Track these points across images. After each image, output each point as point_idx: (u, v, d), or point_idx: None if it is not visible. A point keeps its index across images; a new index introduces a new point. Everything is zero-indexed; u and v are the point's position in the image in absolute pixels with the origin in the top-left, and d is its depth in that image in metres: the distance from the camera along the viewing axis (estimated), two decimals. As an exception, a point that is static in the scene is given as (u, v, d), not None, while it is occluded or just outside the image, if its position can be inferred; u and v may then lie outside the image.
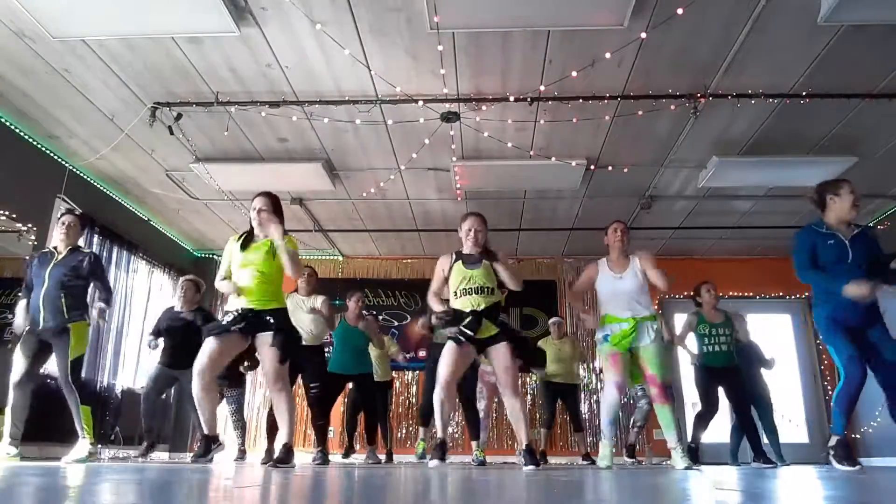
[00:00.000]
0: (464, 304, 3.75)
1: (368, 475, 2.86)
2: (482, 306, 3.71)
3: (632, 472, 3.76)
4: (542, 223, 7.49)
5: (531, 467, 3.55)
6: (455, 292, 3.80)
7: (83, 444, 4.21)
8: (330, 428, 7.90)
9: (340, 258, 8.79)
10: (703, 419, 5.48)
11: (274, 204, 3.91)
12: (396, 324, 8.42)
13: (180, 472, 2.83)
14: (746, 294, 8.27)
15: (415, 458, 5.50)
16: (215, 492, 1.74)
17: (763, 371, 5.93)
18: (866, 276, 3.46)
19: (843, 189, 3.67)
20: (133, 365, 7.02)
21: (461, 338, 3.69)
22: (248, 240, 3.84)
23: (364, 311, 5.99)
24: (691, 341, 5.71)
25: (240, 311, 3.65)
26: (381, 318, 8.42)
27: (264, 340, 3.67)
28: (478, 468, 4.47)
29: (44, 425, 5.28)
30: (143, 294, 7.35)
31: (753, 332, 6.07)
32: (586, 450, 6.90)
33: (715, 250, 8.30)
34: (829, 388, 7.91)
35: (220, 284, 3.82)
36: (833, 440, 3.54)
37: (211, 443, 3.61)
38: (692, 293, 5.73)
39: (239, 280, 3.75)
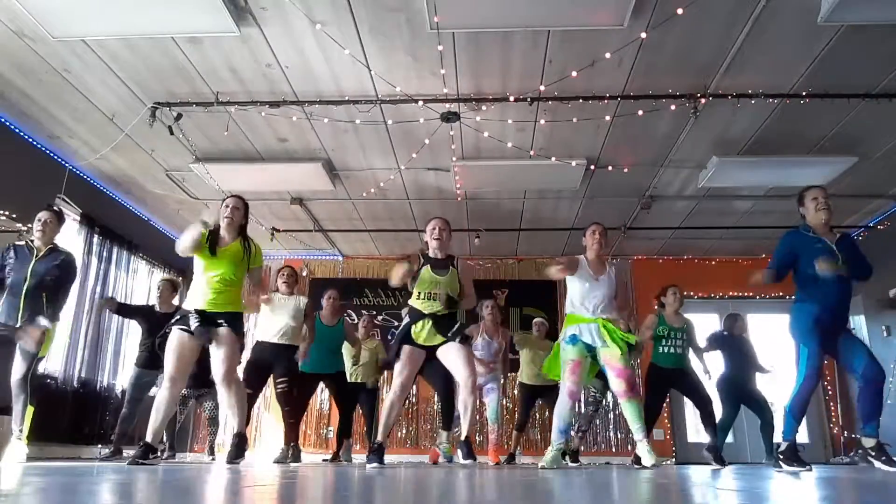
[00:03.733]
0: (424, 305, 3.94)
1: (349, 475, 2.86)
2: (440, 312, 3.91)
3: (629, 472, 3.75)
4: (542, 223, 7.49)
5: (469, 460, 3.77)
6: (420, 293, 3.97)
7: (21, 445, 4.09)
8: (329, 428, 7.93)
9: (340, 258, 8.79)
10: (649, 419, 5.46)
11: (245, 206, 4.00)
12: (396, 324, 8.41)
13: (173, 472, 2.82)
14: (746, 294, 8.26)
15: (443, 460, 5.46)
16: (212, 492, 1.73)
17: (758, 374, 5.92)
18: (853, 279, 3.68)
19: (806, 198, 3.86)
20: (133, 365, 7.01)
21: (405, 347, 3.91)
22: (214, 242, 3.81)
23: (346, 318, 5.96)
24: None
25: (195, 311, 3.68)
26: (380, 318, 8.42)
27: (216, 337, 3.68)
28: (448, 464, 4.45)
29: (46, 425, 5.27)
30: (143, 294, 7.34)
31: (752, 332, 6.09)
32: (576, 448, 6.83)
33: (715, 250, 8.31)
34: (828, 388, 7.91)
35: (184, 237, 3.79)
36: (783, 445, 3.65)
37: (149, 451, 3.57)
38: (658, 293, 5.68)
39: (200, 282, 3.76)
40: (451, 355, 3.89)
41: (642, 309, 7.52)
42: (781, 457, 3.64)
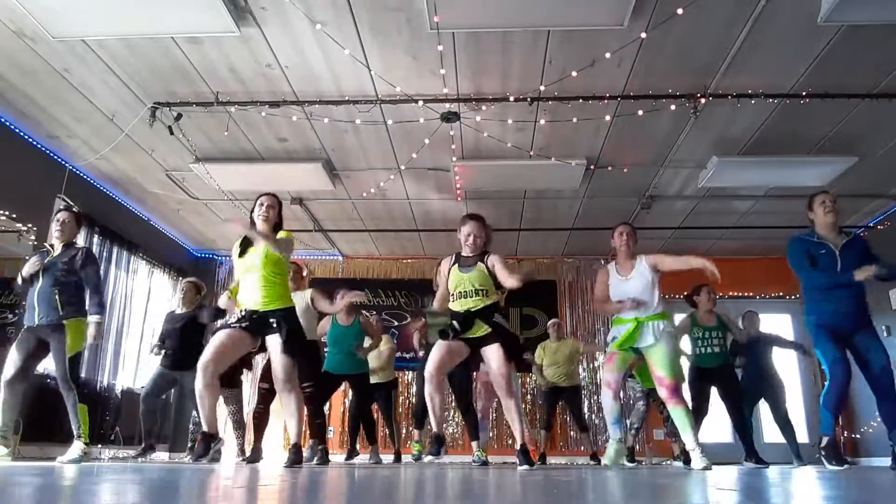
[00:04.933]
0: (460, 305, 3.85)
1: (368, 475, 2.86)
2: (475, 307, 3.81)
3: (631, 472, 3.75)
4: (542, 223, 7.49)
5: (525, 467, 3.62)
6: (452, 295, 3.90)
7: (77, 445, 4.15)
8: (329, 428, 7.92)
9: (340, 258, 8.79)
10: (695, 419, 5.50)
11: (279, 204, 3.98)
12: (396, 323, 8.42)
13: (180, 472, 2.83)
14: (746, 294, 8.26)
15: (412, 459, 5.48)
16: (214, 491, 1.74)
17: (777, 367, 5.94)
18: (858, 283, 3.71)
19: (814, 203, 3.95)
20: (133, 365, 7.02)
21: (450, 331, 3.77)
22: (246, 242, 3.84)
23: (365, 313, 5.94)
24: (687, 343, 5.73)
25: (244, 313, 3.69)
26: (381, 318, 8.41)
27: (273, 341, 3.70)
28: (479, 468, 4.46)
29: (45, 425, 5.28)
30: (143, 294, 7.35)
31: (764, 326, 6.11)
32: (593, 449, 6.85)
33: (715, 250, 8.30)
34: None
35: (221, 300, 3.95)
36: (824, 441, 3.67)
37: (210, 441, 3.60)
38: (689, 294, 5.69)
39: (243, 284, 3.78)
40: (488, 354, 3.81)
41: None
42: (822, 453, 3.66)
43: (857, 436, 7.21)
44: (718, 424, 6.16)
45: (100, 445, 5.91)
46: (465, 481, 2.44)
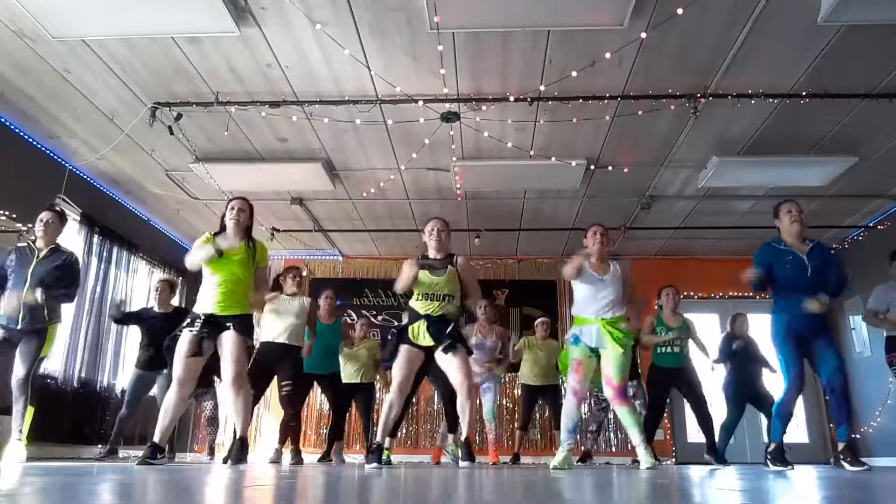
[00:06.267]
0: (423, 306, 3.95)
1: (361, 476, 2.87)
2: (439, 312, 3.91)
3: (628, 472, 3.75)
4: (542, 223, 7.49)
5: (468, 461, 3.76)
6: (419, 295, 3.99)
7: (20, 447, 4.08)
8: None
9: (340, 258, 8.79)
10: (651, 419, 5.54)
11: (250, 208, 3.97)
12: (396, 324, 8.41)
13: (161, 472, 2.82)
14: (746, 294, 8.25)
15: (446, 460, 5.48)
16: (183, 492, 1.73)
17: (766, 372, 5.94)
18: (824, 289, 3.86)
19: (781, 210, 4.07)
20: (133, 365, 7.01)
21: (445, 339, 3.86)
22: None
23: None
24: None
25: (203, 317, 3.67)
26: (381, 317, 8.42)
27: (225, 339, 3.67)
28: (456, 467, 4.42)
29: (46, 425, 5.27)
30: (143, 294, 7.34)
31: (753, 331, 6.10)
32: (576, 447, 6.81)
33: (715, 250, 8.31)
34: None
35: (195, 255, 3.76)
36: (772, 446, 3.93)
37: (157, 452, 3.58)
38: (656, 295, 5.81)
39: (209, 285, 3.75)
40: (445, 361, 3.91)
41: (645, 310, 7.52)
42: (769, 457, 3.89)
43: (857, 436, 7.20)
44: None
45: (100, 446, 5.90)
46: (445, 482, 2.44)
